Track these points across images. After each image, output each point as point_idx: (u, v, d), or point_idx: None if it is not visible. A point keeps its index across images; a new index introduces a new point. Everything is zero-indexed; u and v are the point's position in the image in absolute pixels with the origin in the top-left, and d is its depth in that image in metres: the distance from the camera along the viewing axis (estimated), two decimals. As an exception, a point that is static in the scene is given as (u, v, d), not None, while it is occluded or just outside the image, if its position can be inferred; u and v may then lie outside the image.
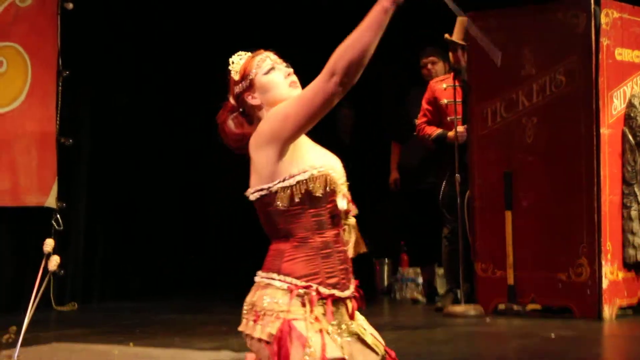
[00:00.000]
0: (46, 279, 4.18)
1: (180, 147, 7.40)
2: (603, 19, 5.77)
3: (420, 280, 6.89)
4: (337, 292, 2.59)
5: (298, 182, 2.57)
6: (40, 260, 4.21)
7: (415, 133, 6.42)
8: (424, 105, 6.37)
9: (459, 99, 6.16)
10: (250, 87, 2.67)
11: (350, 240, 2.71)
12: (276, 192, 2.57)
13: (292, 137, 2.54)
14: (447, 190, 6.18)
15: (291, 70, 2.69)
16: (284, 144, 2.54)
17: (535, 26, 5.98)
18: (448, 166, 6.11)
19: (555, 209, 5.81)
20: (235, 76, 2.69)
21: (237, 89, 2.68)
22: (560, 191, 5.81)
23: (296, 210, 2.59)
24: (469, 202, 6.04)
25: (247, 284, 2.52)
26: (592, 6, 5.76)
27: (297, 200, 2.57)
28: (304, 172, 2.57)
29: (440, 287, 6.67)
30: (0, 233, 6.36)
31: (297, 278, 2.57)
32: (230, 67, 2.68)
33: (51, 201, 6.43)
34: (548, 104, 5.93)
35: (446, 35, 6.06)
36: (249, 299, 2.56)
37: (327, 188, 2.60)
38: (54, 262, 4.26)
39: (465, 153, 6.07)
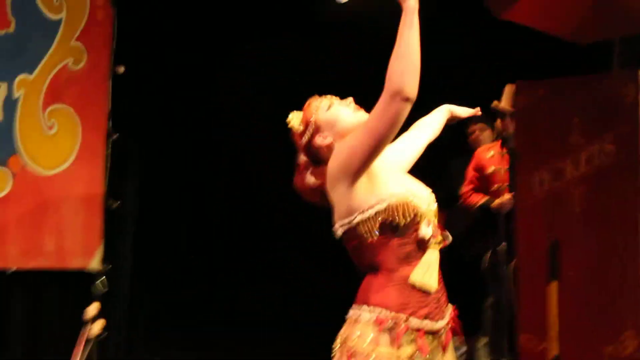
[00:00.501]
0: (90, 343, 4.15)
1: (226, 212, 7.49)
2: (652, 89, 5.70)
3: (464, 349, 6.80)
4: (428, 323, 2.54)
5: (377, 213, 2.53)
6: (83, 324, 4.17)
7: (460, 202, 6.45)
8: (470, 173, 6.41)
9: (505, 167, 6.18)
10: (317, 129, 2.66)
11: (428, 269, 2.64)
12: (357, 225, 2.54)
13: (362, 168, 2.51)
14: (491, 259, 6.19)
15: (350, 98, 2.70)
16: (354, 176, 2.51)
17: (583, 96, 5.95)
18: (493, 235, 6.13)
19: (602, 280, 5.74)
20: (298, 128, 2.68)
21: (305, 139, 2.68)
22: (607, 262, 5.74)
23: (380, 242, 2.55)
24: (514, 272, 5.98)
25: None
26: (640, 76, 5.70)
27: (378, 231, 2.54)
28: (382, 201, 2.54)
29: (481, 358, 6.58)
30: (45, 295, 6.42)
31: (386, 309, 2.52)
32: (289, 126, 2.68)
33: (96, 264, 6.48)
34: (596, 174, 5.88)
35: (495, 103, 6.11)
36: (342, 332, 2.56)
37: (410, 216, 2.56)
38: (99, 326, 4.23)
39: (510, 222, 6.03)
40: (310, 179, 2.70)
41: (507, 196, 6.11)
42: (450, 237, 2.74)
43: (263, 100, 7.31)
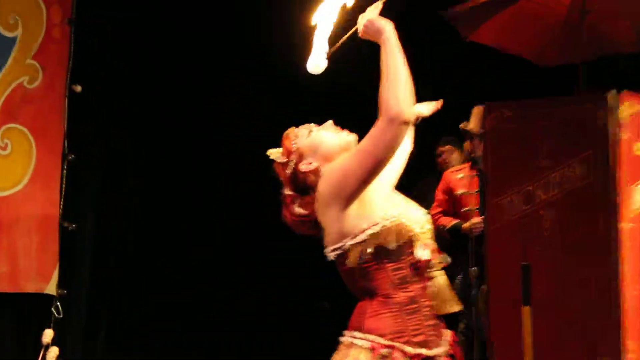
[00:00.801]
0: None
1: (192, 237, 7.33)
2: (622, 112, 5.71)
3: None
4: (424, 351, 2.48)
5: (370, 237, 2.48)
6: (39, 350, 4.06)
7: None
8: (439, 195, 6.36)
9: (475, 189, 6.16)
10: (300, 156, 2.61)
11: (437, 295, 2.66)
12: (349, 249, 2.49)
13: (356, 192, 2.47)
14: (462, 283, 6.13)
15: (329, 121, 2.69)
16: (347, 200, 2.47)
17: (551, 118, 5.92)
18: (463, 259, 6.06)
19: (575, 305, 5.69)
20: (281, 160, 2.64)
21: (288, 169, 2.62)
22: (579, 286, 5.69)
23: (373, 266, 2.50)
24: (485, 296, 5.93)
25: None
26: (610, 99, 5.71)
27: (371, 255, 2.48)
28: (375, 224, 2.48)
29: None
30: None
31: (381, 336, 2.46)
32: (271, 158, 2.64)
33: (51, 288, 6.32)
34: (566, 197, 5.83)
35: (462, 124, 6.09)
36: (335, 357, 2.51)
37: (403, 239, 2.51)
38: (53, 354, 4.13)
39: (481, 245, 5.99)
40: (298, 210, 2.65)
41: (477, 219, 6.09)
42: (449, 259, 2.78)
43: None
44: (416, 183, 6.84)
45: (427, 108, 3.23)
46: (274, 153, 2.65)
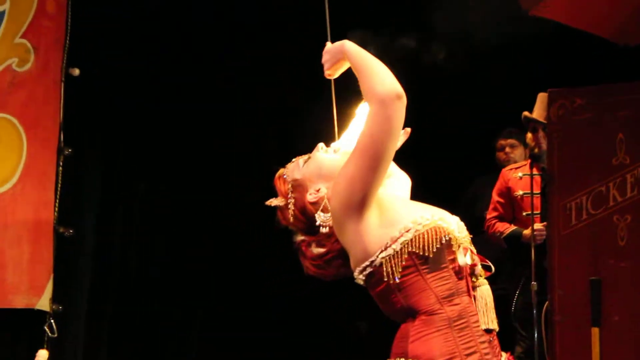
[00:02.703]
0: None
1: (201, 244, 7.09)
2: None
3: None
4: None
5: (403, 245, 2.39)
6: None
7: (484, 229, 6.10)
8: (495, 197, 6.09)
9: (537, 191, 5.88)
10: (303, 189, 2.58)
11: (481, 308, 2.52)
12: (380, 265, 2.39)
13: (367, 197, 2.39)
14: (521, 301, 5.90)
15: (320, 144, 2.67)
16: (360, 208, 2.39)
17: (630, 106, 5.66)
18: (523, 271, 5.82)
19: None
20: (279, 202, 2.62)
21: (293, 209, 2.58)
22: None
23: (412, 280, 2.40)
24: (548, 316, 5.66)
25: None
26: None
27: (408, 267, 2.38)
28: (408, 230, 2.40)
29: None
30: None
31: None
32: (271, 205, 2.63)
33: (44, 303, 6.04)
34: None
35: (525, 113, 5.81)
36: None
37: (442, 241, 2.41)
38: None
39: (544, 256, 5.70)
40: (317, 251, 2.59)
41: (539, 225, 5.78)
42: (493, 267, 2.61)
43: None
44: (471, 183, 6.74)
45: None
46: (274, 201, 2.63)
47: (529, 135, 5.91)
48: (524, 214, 5.90)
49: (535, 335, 5.66)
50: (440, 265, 2.40)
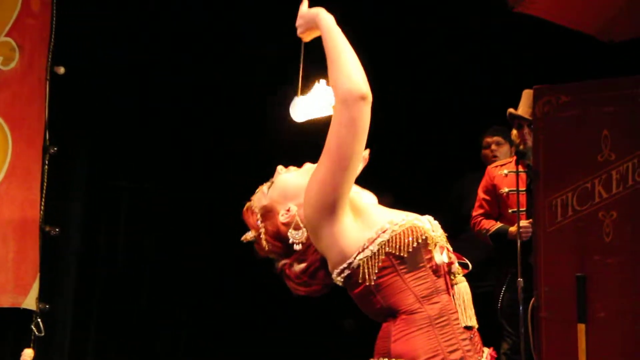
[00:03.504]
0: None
1: (189, 242, 7.10)
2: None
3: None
4: None
5: (380, 246, 2.40)
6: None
7: (470, 227, 6.12)
8: (481, 194, 6.10)
9: (522, 188, 5.87)
10: (271, 214, 2.58)
11: (459, 305, 2.52)
12: (358, 266, 2.40)
13: (340, 199, 2.39)
14: (507, 297, 5.94)
15: (279, 166, 2.66)
16: (334, 210, 2.39)
17: (615, 103, 5.66)
18: (509, 268, 5.86)
19: (638, 323, 5.46)
20: (253, 235, 2.61)
21: (266, 237, 2.58)
22: (645, 301, 5.56)
23: (390, 280, 2.41)
24: (534, 312, 5.66)
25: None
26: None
27: (386, 267, 2.39)
28: (384, 231, 2.41)
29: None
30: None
31: (412, 359, 2.35)
32: (246, 240, 2.63)
33: (30, 302, 6.06)
34: (630, 196, 5.57)
35: (510, 110, 5.83)
36: None
37: (418, 240, 2.42)
38: None
39: (530, 253, 5.71)
40: (299, 267, 2.56)
41: (524, 223, 5.79)
42: (470, 265, 2.60)
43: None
44: (457, 181, 6.74)
45: None
46: (247, 235, 2.63)
47: (514, 132, 5.93)
48: (510, 211, 5.93)
49: (522, 331, 5.66)
50: (417, 265, 2.42)
